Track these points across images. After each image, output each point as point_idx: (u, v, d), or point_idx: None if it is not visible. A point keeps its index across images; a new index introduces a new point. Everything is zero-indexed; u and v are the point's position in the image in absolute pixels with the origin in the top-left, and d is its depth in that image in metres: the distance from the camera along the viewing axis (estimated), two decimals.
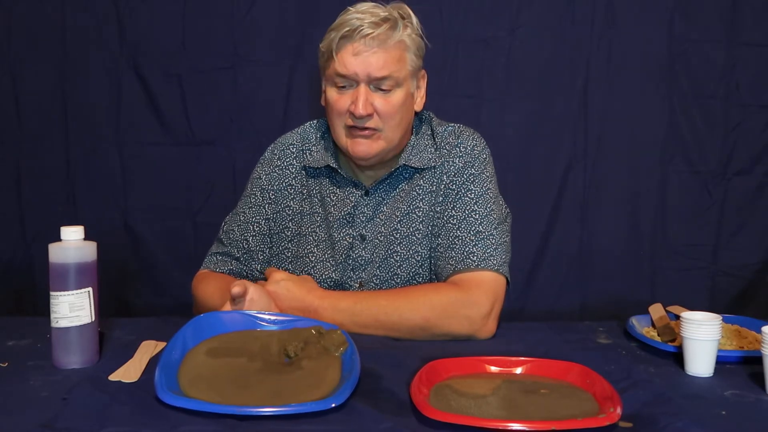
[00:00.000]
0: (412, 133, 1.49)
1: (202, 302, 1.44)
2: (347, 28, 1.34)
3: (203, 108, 2.15)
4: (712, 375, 1.10)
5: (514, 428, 0.85)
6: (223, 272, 1.50)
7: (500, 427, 0.85)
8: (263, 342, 1.10)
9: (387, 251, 1.43)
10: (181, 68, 2.14)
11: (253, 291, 1.24)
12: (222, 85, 2.14)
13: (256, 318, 1.17)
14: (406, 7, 1.41)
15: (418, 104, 1.47)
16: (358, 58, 1.34)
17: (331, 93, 1.40)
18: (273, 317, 1.18)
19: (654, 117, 2.16)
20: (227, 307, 1.23)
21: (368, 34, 1.33)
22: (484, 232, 1.37)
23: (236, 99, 2.15)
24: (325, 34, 1.39)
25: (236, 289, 1.20)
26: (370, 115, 1.37)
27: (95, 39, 2.14)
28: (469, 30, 2.12)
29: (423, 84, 1.47)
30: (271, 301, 1.27)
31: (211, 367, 1.02)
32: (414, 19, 1.40)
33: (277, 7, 2.12)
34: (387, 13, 1.37)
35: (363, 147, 1.39)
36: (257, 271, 1.50)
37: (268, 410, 0.89)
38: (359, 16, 1.35)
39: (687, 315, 1.12)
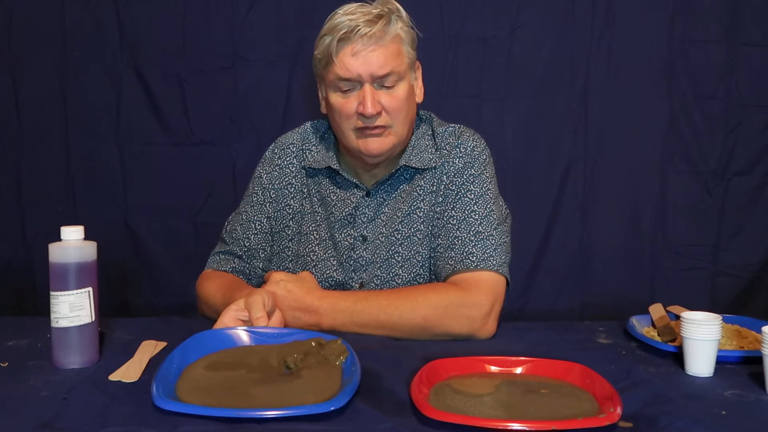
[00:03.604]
0: (412, 133, 1.49)
1: (205, 301, 1.44)
2: (344, 30, 1.33)
3: (203, 108, 2.15)
4: (712, 375, 1.10)
5: (514, 428, 0.85)
6: (225, 271, 1.50)
7: (500, 427, 0.85)
8: (262, 356, 1.09)
9: (388, 252, 1.43)
10: (181, 68, 2.14)
11: (271, 306, 1.23)
12: (222, 85, 2.14)
13: (255, 333, 1.16)
14: (393, 1, 1.40)
15: (419, 95, 1.48)
16: (358, 59, 1.34)
17: (335, 98, 1.40)
18: (272, 331, 1.17)
19: (654, 117, 2.16)
20: (225, 315, 1.21)
21: (366, 33, 1.33)
22: (484, 233, 1.37)
23: (236, 99, 2.15)
24: (317, 41, 1.39)
25: (262, 323, 1.19)
26: (379, 113, 1.37)
27: (95, 39, 2.14)
28: (469, 30, 2.12)
29: (419, 75, 1.48)
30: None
31: (209, 380, 1.01)
32: (403, 12, 1.40)
33: (277, 8, 2.12)
34: (378, 10, 1.37)
35: (375, 144, 1.39)
36: (259, 269, 1.51)
37: (266, 413, 0.88)
38: (351, 17, 1.34)
39: (687, 315, 1.12)
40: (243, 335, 1.15)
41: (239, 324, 1.19)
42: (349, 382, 0.97)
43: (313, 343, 1.10)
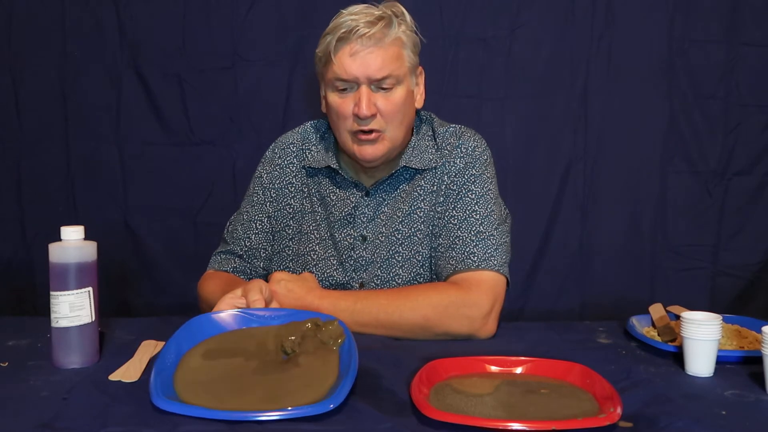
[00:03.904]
0: (412, 133, 1.49)
1: (205, 301, 1.45)
2: (343, 30, 1.34)
3: (203, 108, 2.15)
4: (712, 375, 1.10)
5: (514, 428, 0.85)
6: (226, 270, 1.50)
7: (500, 427, 0.85)
8: (260, 339, 1.09)
9: (388, 252, 1.43)
10: (181, 68, 2.14)
11: (268, 294, 1.23)
12: (222, 85, 2.14)
13: (252, 315, 1.15)
14: (399, 5, 1.41)
15: (419, 101, 1.47)
16: (356, 60, 1.34)
17: (333, 97, 1.40)
18: (269, 313, 1.16)
19: (654, 117, 2.16)
20: (222, 302, 1.21)
21: (364, 34, 1.33)
22: (485, 233, 1.37)
23: (236, 99, 2.15)
24: (320, 39, 1.39)
25: (258, 305, 1.19)
26: (373, 115, 1.37)
27: (95, 39, 2.14)
28: (469, 30, 2.12)
29: (421, 81, 1.48)
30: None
31: (207, 370, 1.01)
32: (408, 17, 1.41)
33: (277, 8, 2.12)
34: (381, 12, 1.37)
35: (369, 150, 1.39)
36: (260, 268, 1.51)
37: (264, 416, 0.87)
38: (353, 17, 1.35)
39: (687, 315, 1.12)
40: (238, 318, 1.15)
41: None
42: (347, 373, 0.97)
43: (309, 325, 1.10)
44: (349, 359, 1.01)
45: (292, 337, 1.07)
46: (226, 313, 1.16)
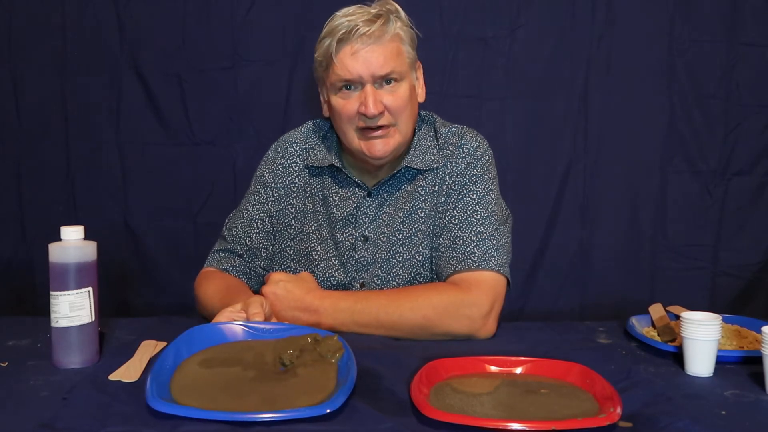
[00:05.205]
0: (414, 132, 1.49)
1: (203, 303, 1.44)
2: (342, 31, 1.33)
3: (203, 108, 2.15)
4: (712, 375, 1.10)
5: (514, 428, 0.85)
6: (225, 269, 1.50)
7: (500, 427, 0.85)
8: (258, 351, 1.09)
9: (389, 252, 1.43)
10: (181, 68, 2.14)
11: (269, 309, 1.23)
12: (222, 85, 2.14)
13: (251, 328, 1.15)
14: (392, 1, 1.40)
15: (421, 95, 1.47)
16: (358, 60, 1.34)
17: (336, 100, 1.40)
18: (268, 327, 1.16)
19: (654, 117, 2.16)
20: (221, 316, 1.20)
21: (365, 32, 1.33)
22: (485, 233, 1.37)
23: (236, 99, 2.15)
24: (317, 44, 1.39)
25: (258, 319, 1.18)
26: (381, 113, 1.37)
27: (95, 39, 2.14)
28: (469, 30, 2.12)
29: (420, 75, 1.48)
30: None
31: (203, 377, 1.00)
32: (402, 13, 1.41)
33: (277, 8, 2.12)
34: (377, 10, 1.37)
35: (379, 146, 1.39)
36: (260, 268, 1.51)
37: (260, 416, 0.87)
38: (350, 18, 1.35)
39: (687, 315, 1.12)
40: (238, 330, 1.15)
41: None
42: (345, 382, 0.96)
43: (309, 339, 1.10)
44: (347, 371, 1.00)
45: (291, 350, 1.07)
46: (226, 325, 1.16)
